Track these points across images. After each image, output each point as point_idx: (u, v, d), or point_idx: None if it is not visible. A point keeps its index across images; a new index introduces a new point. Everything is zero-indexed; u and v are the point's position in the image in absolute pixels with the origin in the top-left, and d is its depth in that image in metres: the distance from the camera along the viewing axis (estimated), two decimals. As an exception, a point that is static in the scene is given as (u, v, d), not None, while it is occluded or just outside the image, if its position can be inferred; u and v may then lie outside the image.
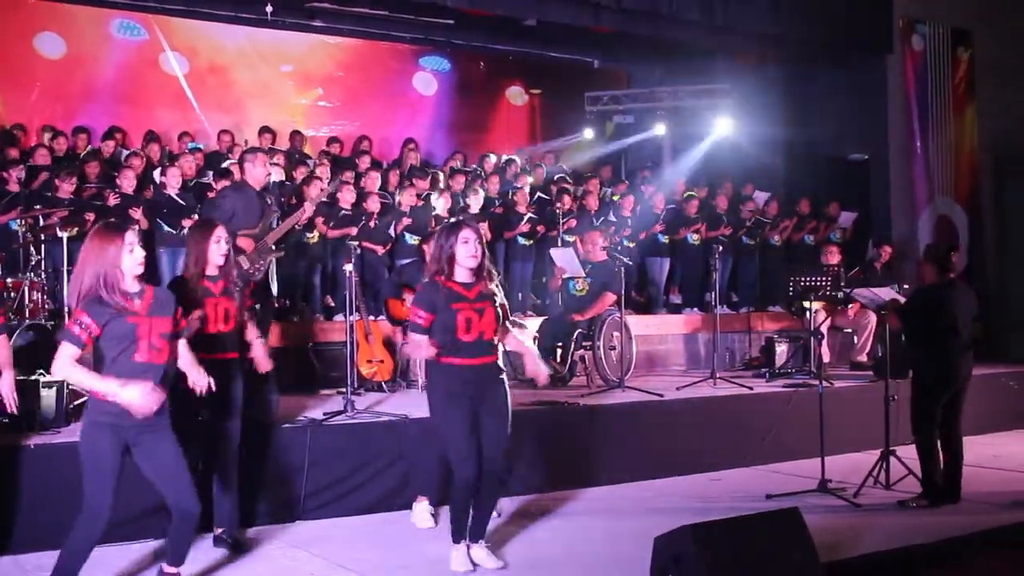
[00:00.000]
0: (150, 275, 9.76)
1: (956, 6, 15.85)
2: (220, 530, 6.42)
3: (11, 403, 5.61)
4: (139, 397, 4.80)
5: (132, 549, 6.29)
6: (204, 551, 6.27)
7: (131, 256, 4.92)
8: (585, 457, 8.52)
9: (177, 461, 5.12)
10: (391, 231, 11.65)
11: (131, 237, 4.96)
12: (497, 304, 5.92)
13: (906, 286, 9.73)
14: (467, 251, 5.77)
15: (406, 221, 11.70)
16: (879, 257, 13.53)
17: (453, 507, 5.99)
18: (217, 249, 6.14)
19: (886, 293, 8.77)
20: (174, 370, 5.27)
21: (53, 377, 6.95)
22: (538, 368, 6.21)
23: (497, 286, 6.01)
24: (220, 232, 6.20)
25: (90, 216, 10.23)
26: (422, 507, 7.15)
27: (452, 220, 6.13)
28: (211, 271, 6.16)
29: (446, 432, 5.87)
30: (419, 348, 5.87)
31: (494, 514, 6.60)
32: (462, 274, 5.82)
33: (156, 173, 11.65)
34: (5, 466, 6.33)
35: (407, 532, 6.99)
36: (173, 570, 5.29)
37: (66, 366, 4.84)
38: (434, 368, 5.89)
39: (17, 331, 7.84)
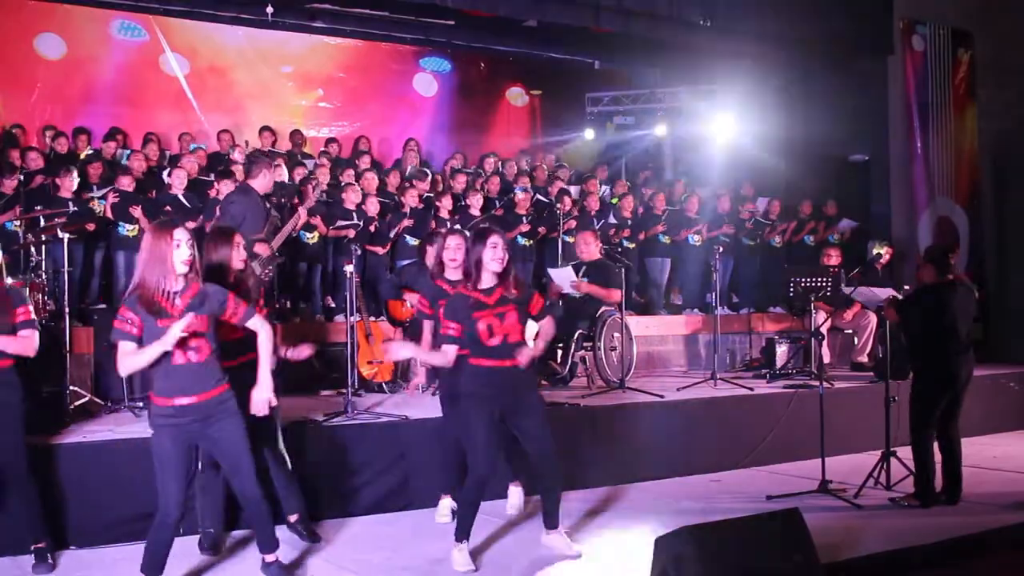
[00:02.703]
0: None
1: (956, 7, 15.85)
2: (293, 518, 6.63)
3: None
4: (172, 336, 4.95)
5: (133, 549, 6.26)
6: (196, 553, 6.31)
7: (177, 252, 5.05)
8: (585, 458, 8.51)
9: (236, 449, 5.32)
10: (391, 233, 11.67)
11: (180, 234, 5.08)
12: (521, 307, 6.06)
13: (906, 287, 9.73)
14: (493, 255, 5.93)
15: (407, 222, 11.71)
16: (879, 258, 13.51)
17: (462, 505, 6.12)
18: (236, 255, 6.14)
19: (884, 292, 8.78)
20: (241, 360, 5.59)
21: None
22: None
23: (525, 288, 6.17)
24: (239, 239, 6.21)
25: (91, 227, 10.22)
26: (445, 503, 7.28)
27: (482, 227, 6.20)
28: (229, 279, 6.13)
29: (468, 432, 6.05)
30: (446, 356, 6.03)
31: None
32: (487, 279, 5.98)
33: (165, 174, 11.64)
34: (50, 463, 6.41)
35: (408, 532, 7.00)
36: (271, 557, 5.59)
37: (127, 360, 5.02)
38: (464, 369, 6.04)
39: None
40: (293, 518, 6.61)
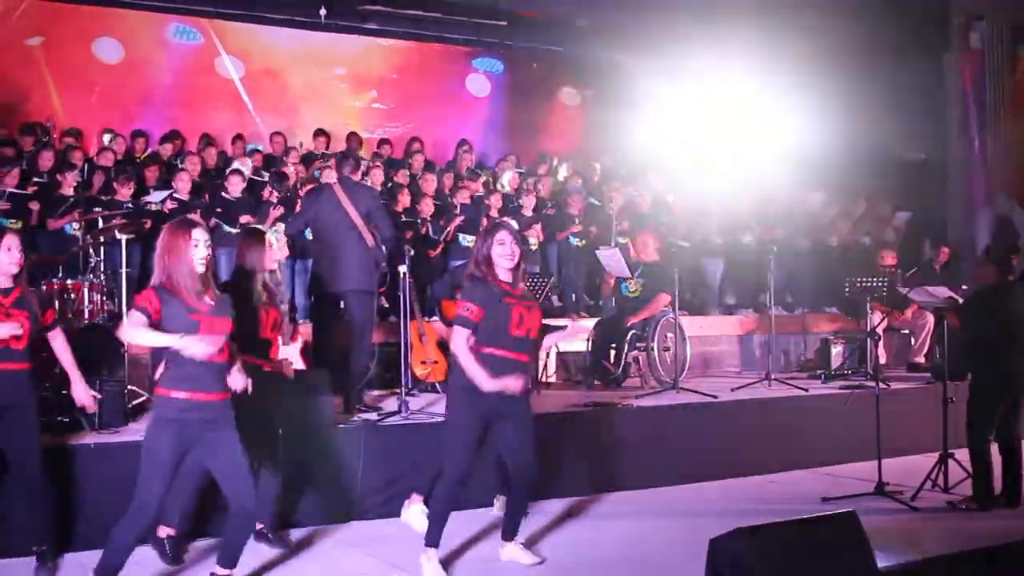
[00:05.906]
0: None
1: (1015, 3, 15.61)
2: (261, 526, 6.43)
3: (91, 404, 5.99)
4: (199, 347, 4.88)
5: (154, 553, 6.25)
6: (255, 549, 6.32)
7: (195, 251, 5.00)
8: (638, 458, 8.49)
9: (237, 459, 5.18)
10: (442, 235, 11.73)
11: (198, 234, 5.04)
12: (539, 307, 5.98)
13: (964, 287, 9.61)
14: (503, 252, 5.79)
15: (458, 220, 11.76)
16: (937, 258, 13.37)
17: (436, 507, 5.90)
18: (268, 256, 6.17)
19: (941, 292, 8.68)
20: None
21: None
22: None
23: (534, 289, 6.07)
24: (271, 239, 6.24)
25: (147, 224, 10.35)
26: (418, 507, 6.99)
27: (495, 222, 6.14)
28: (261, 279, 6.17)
29: (452, 429, 5.90)
30: (460, 339, 5.73)
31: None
32: (503, 275, 5.83)
33: (228, 170, 11.69)
34: (65, 465, 6.42)
35: (460, 532, 7.00)
36: (224, 572, 5.32)
37: (133, 328, 4.94)
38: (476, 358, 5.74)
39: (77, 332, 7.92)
40: (260, 526, 6.41)
